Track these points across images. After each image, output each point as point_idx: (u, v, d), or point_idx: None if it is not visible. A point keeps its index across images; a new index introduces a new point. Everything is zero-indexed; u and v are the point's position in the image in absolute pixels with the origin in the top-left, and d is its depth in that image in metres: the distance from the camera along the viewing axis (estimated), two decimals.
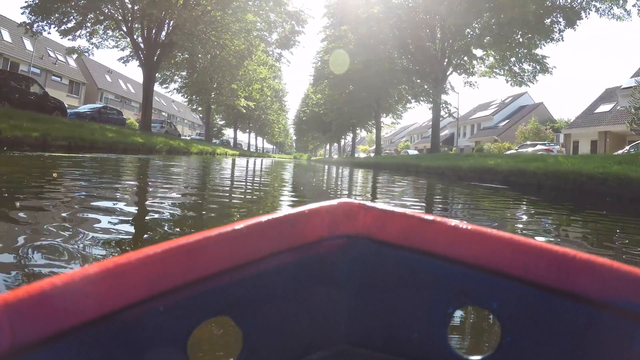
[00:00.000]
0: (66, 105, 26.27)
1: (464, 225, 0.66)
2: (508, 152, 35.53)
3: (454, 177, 16.07)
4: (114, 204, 4.19)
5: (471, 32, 30.54)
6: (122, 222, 3.31)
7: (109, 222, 3.21)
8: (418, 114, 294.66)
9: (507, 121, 60.00)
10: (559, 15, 26.62)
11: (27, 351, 0.46)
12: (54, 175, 6.41)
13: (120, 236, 2.81)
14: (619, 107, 38.96)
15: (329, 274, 0.70)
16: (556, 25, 27.25)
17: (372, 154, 67.32)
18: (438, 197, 8.45)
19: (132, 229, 3.15)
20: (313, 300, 0.69)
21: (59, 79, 51.93)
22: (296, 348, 0.68)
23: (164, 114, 76.23)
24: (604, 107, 42.29)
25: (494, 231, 0.64)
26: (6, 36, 44.64)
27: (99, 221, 3.23)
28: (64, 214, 3.41)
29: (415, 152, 62.55)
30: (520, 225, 4.91)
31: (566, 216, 6.59)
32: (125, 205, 4.36)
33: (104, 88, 61.08)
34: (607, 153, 31.82)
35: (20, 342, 0.45)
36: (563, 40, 27.82)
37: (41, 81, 47.52)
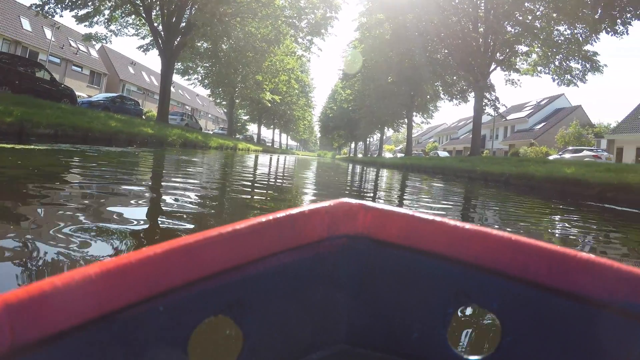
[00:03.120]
0: (76, 93, 24.28)
1: (463, 225, 0.66)
2: (551, 157, 32.84)
3: (524, 187, 13.21)
4: None
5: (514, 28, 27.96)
6: None
7: None
8: (446, 114, 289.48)
9: (543, 124, 57.66)
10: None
11: (27, 351, 0.46)
12: None
13: None
14: None
15: (329, 274, 0.70)
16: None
17: (399, 154, 65.34)
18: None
19: None
20: (313, 300, 0.69)
21: (79, 69, 51.15)
22: (296, 348, 0.68)
23: (187, 107, 74.62)
24: None
25: (494, 231, 0.65)
26: (26, 25, 43.90)
27: None
28: None
29: (445, 153, 60.17)
30: None
31: None
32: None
33: (126, 79, 59.88)
34: None
35: (20, 342, 0.45)
36: (628, 34, 24.61)
37: (61, 71, 47.04)
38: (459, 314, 1.67)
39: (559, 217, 6.75)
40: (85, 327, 0.50)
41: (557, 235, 4.76)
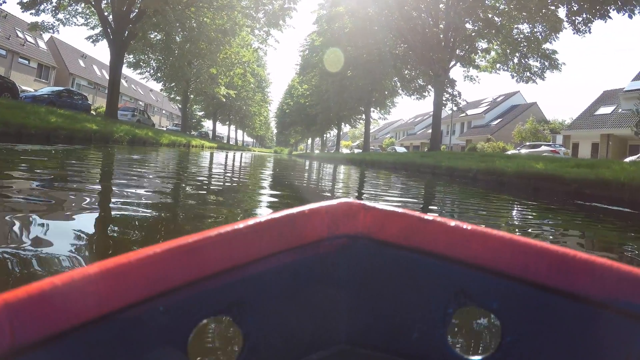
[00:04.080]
0: (23, 88, 22.64)
1: (463, 225, 0.66)
2: (509, 152, 32.93)
3: (493, 183, 12.64)
4: None
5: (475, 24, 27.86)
6: None
7: None
8: (402, 110, 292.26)
9: (499, 120, 58.04)
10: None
11: (27, 351, 0.46)
12: None
13: None
14: (620, 110, 38.42)
15: (329, 274, 0.70)
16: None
17: (356, 150, 65.01)
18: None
19: None
20: (313, 300, 0.69)
21: (26, 62, 48.24)
22: (296, 348, 0.68)
23: (140, 103, 72.01)
24: (605, 110, 41.46)
25: (494, 231, 0.65)
26: None
27: None
28: None
29: (403, 149, 60.31)
30: None
31: None
32: None
33: (76, 73, 56.98)
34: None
35: (20, 342, 0.46)
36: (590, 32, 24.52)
37: (6, 63, 44.50)
38: (460, 314, 1.29)
39: (561, 220, 6.10)
40: (85, 327, 0.50)
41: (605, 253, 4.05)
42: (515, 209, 7.17)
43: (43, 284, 0.48)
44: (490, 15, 26.75)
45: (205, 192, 6.00)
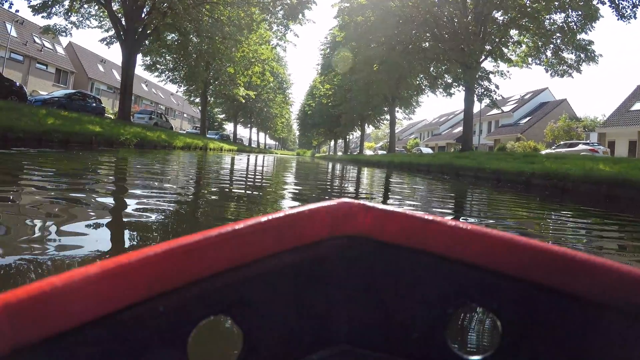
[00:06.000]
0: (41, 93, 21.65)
1: (464, 225, 0.66)
2: (543, 152, 30.99)
3: (553, 190, 10.77)
4: None
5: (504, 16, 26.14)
6: None
7: None
8: (425, 110, 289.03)
9: (528, 118, 56.01)
10: None
11: (27, 351, 0.47)
12: None
13: None
14: None
15: (329, 274, 0.70)
16: None
17: (379, 152, 63.51)
18: None
19: None
20: (313, 300, 0.69)
21: (44, 67, 47.72)
22: (296, 348, 0.68)
23: (161, 106, 71.25)
24: None
25: (494, 231, 0.65)
26: None
27: None
28: None
29: (429, 150, 58.54)
30: None
31: None
32: None
33: (95, 78, 56.40)
34: None
35: (20, 342, 0.46)
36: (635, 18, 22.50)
37: (24, 69, 44.24)
38: (460, 314, 1.58)
39: None
40: (85, 328, 0.50)
41: None
42: None
43: (43, 284, 0.48)
44: (523, 2, 24.86)
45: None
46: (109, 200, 4.42)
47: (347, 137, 79.63)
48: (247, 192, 6.65)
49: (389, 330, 0.70)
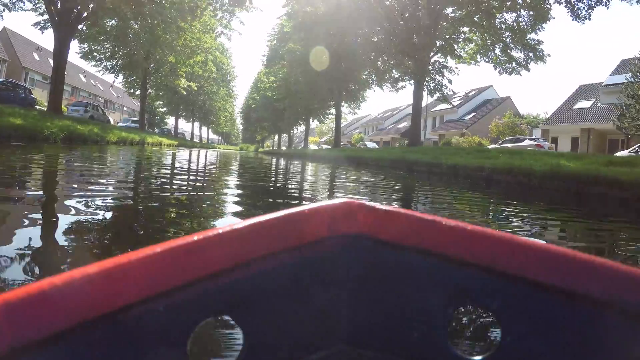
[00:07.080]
0: None
1: (464, 225, 0.66)
2: (489, 147, 31.15)
3: (517, 186, 10.17)
4: None
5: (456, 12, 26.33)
6: None
7: None
8: (369, 105, 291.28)
9: (473, 114, 57.50)
10: None
11: (27, 351, 0.47)
12: None
13: None
14: (600, 104, 39.47)
15: (329, 274, 0.70)
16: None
17: (324, 146, 63.13)
18: None
19: None
20: (313, 300, 0.69)
21: None
22: (296, 348, 0.68)
23: (99, 99, 67.57)
24: (583, 104, 42.15)
25: (494, 231, 0.65)
26: None
27: None
28: None
29: (374, 144, 58.82)
30: None
31: None
32: None
33: (30, 67, 52.13)
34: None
35: (20, 342, 0.46)
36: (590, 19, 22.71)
37: None
38: (459, 314, 1.62)
39: None
40: (85, 327, 0.50)
41: None
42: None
43: (43, 284, 0.48)
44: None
45: None
46: None
47: (292, 131, 78.81)
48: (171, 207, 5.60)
49: (389, 330, 0.69)
